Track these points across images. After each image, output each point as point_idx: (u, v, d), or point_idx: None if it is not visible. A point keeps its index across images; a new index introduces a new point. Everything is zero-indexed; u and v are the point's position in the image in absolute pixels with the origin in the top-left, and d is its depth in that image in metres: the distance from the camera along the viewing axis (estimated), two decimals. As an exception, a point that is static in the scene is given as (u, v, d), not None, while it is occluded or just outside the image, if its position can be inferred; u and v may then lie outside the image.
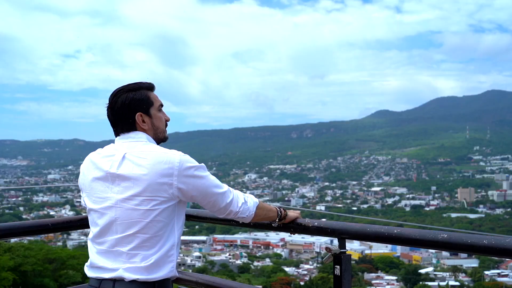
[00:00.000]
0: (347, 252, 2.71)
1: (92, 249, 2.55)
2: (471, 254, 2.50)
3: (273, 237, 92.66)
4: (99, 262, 2.49)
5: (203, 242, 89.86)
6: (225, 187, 2.60)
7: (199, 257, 72.82)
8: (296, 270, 66.13)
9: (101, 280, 2.47)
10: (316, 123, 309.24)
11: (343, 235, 2.71)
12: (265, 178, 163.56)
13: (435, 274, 65.72)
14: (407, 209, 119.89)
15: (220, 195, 2.57)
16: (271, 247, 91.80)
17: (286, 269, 64.46)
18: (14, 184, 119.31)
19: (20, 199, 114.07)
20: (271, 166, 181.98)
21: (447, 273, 66.61)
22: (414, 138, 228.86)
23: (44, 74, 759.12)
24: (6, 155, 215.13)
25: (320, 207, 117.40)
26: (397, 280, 61.04)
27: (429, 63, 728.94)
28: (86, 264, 2.58)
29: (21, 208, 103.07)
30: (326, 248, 2.72)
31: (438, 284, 57.40)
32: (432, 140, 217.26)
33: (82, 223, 2.69)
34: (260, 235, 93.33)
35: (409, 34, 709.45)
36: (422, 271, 65.60)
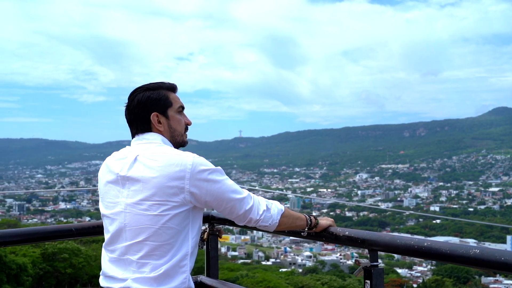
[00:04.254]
0: (379, 266, 2.41)
1: (104, 257, 2.46)
2: (505, 273, 2.17)
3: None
4: (110, 271, 2.39)
5: (314, 241, 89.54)
6: (244, 192, 2.41)
7: (310, 256, 72.89)
8: (409, 271, 64.60)
9: None
10: (429, 121, 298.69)
11: (374, 247, 2.42)
12: (376, 178, 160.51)
13: (559, 279, 62.06)
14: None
15: (238, 201, 2.38)
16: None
17: (399, 270, 62.91)
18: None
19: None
20: (383, 166, 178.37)
21: None
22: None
23: (159, 77, 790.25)
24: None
25: (434, 208, 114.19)
26: (517, 285, 58.24)
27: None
28: (100, 273, 2.48)
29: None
30: (356, 261, 2.46)
31: None
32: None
33: (107, 229, 2.60)
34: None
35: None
36: (545, 276, 62.17)
